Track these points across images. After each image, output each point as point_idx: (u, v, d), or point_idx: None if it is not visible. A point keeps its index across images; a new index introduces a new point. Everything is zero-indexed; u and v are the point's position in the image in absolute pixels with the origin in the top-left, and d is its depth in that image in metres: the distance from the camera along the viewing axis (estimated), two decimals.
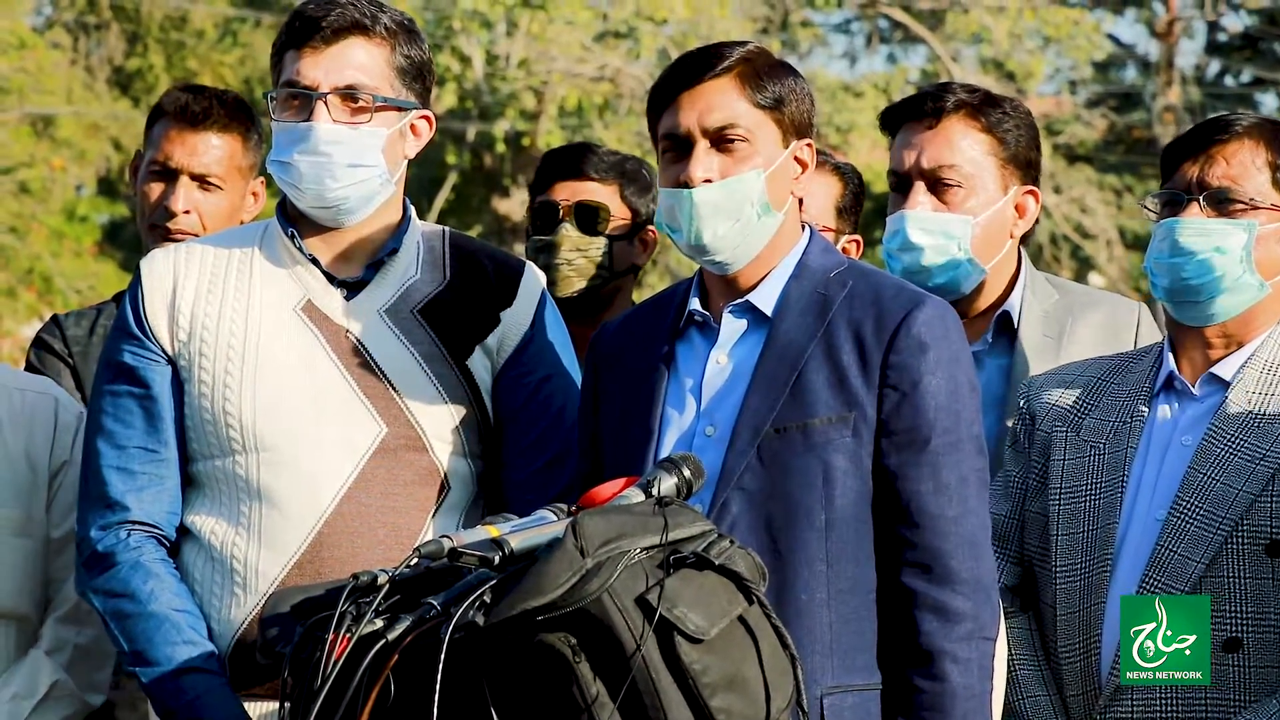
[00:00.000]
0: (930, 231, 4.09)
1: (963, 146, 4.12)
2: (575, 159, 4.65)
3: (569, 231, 4.57)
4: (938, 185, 4.11)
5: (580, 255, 4.57)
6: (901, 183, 4.16)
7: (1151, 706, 3.62)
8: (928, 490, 3.32)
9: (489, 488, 3.64)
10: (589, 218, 4.59)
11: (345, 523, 3.51)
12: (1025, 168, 4.19)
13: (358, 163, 3.54)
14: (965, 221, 4.10)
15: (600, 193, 4.61)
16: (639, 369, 3.47)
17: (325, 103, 3.52)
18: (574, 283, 4.58)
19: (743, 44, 3.45)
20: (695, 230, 3.38)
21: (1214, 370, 3.74)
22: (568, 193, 4.61)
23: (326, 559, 3.48)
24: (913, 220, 4.10)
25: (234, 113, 4.56)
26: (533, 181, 4.73)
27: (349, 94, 3.53)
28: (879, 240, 4.37)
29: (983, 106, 4.15)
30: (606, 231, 4.60)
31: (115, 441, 3.59)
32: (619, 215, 4.62)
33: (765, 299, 3.43)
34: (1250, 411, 3.67)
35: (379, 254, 3.63)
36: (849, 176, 4.69)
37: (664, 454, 3.36)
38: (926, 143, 4.12)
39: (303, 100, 3.53)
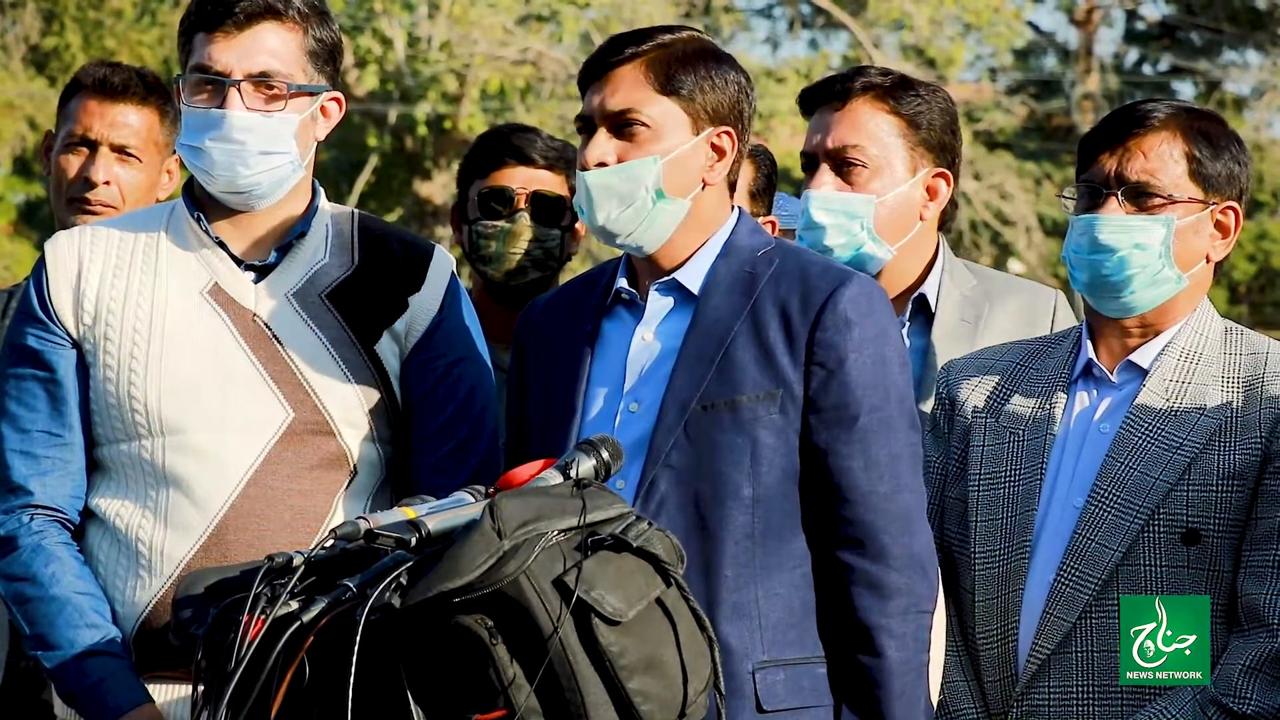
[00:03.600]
0: (832, 211, 4.10)
1: (869, 128, 4.12)
2: (525, 145, 4.59)
3: (528, 222, 4.53)
4: (842, 165, 4.12)
5: (539, 247, 4.54)
6: (809, 164, 4.17)
7: (1068, 694, 3.63)
8: (858, 467, 3.34)
9: (397, 472, 3.62)
10: (550, 210, 4.55)
11: (251, 506, 3.48)
12: (939, 151, 4.19)
13: (270, 150, 3.51)
14: (868, 201, 4.10)
15: (552, 182, 4.58)
16: (564, 346, 3.48)
17: (239, 89, 3.48)
18: (529, 273, 4.55)
19: (671, 29, 3.47)
20: (590, 212, 3.42)
21: (1132, 358, 3.74)
22: (521, 180, 4.55)
23: (232, 542, 3.46)
24: (816, 200, 4.11)
25: (152, 87, 4.54)
26: (468, 163, 4.66)
27: (262, 80, 3.50)
28: None
29: (893, 89, 4.15)
30: (562, 223, 4.58)
31: (18, 425, 3.55)
32: (569, 205, 4.59)
33: (692, 277, 3.44)
34: (1167, 400, 3.68)
35: (287, 237, 3.60)
36: (761, 160, 4.68)
37: (588, 431, 3.37)
38: (833, 124, 4.13)
39: (215, 86, 3.50)
